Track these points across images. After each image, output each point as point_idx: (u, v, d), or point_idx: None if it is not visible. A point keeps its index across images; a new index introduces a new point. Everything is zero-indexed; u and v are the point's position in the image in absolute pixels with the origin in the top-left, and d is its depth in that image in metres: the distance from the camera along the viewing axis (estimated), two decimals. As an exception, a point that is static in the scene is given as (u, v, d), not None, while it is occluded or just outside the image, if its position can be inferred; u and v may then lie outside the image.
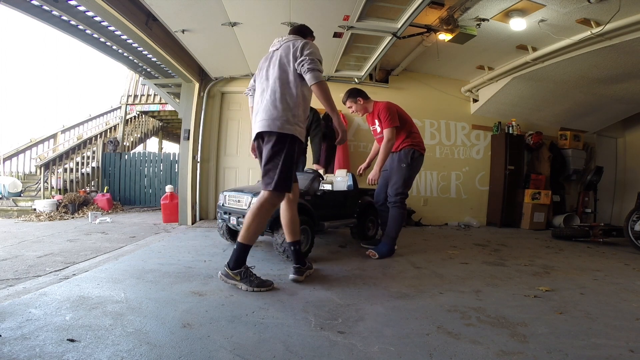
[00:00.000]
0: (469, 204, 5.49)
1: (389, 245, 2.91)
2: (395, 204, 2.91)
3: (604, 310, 1.81)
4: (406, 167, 2.93)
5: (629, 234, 3.58)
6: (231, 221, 2.79)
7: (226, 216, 2.86)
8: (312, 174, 3.03)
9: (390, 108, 2.97)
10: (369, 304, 1.80)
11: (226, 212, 2.86)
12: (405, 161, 2.93)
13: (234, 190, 2.91)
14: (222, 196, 3.01)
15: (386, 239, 2.94)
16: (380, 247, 2.90)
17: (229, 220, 2.83)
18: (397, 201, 2.91)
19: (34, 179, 6.81)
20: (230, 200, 2.87)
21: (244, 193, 2.74)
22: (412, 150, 2.94)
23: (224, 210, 2.90)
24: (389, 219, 2.96)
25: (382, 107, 2.98)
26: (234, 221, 2.76)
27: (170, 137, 13.03)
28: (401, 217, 2.94)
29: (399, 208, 2.92)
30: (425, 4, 2.89)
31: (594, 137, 6.33)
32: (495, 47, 4.17)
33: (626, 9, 3.00)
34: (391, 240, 2.93)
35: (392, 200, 2.93)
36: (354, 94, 3.08)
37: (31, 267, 2.38)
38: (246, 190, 2.80)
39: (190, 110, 4.78)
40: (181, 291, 1.88)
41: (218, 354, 1.24)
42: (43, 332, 1.32)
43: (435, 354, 1.29)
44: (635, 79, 4.38)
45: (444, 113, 5.46)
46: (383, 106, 2.98)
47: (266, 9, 3.08)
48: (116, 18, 3.01)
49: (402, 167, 2.93)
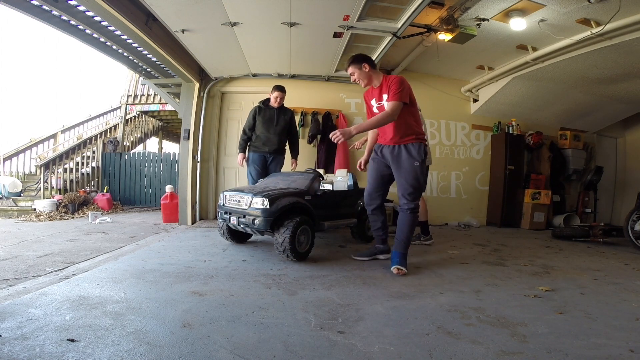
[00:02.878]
0: (469, 204, 5.48)
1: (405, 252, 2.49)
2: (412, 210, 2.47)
3: (604, 310, 1.81)
4: (420, 167, 2.45)
5: (629, 234, 3.58)
6: (231, 221, 2.79)
7: (227, 216, 2.85)
8: (312, 174, 3.02)
9: (405, 82, 2.44)
10: (369, 304, 1.80)
11: (227, 212, 2.86)
12: (418, 158, 2.45)
13: (234, 190, 2.91)
14: (222, 196, 3.01)
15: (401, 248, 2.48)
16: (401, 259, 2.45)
17: (229, 220, 2.83)
18: (412, 207, 2.46)
19: (34, 179, 6.81)
20: (230, 200, 2.87)
21: (244, 193, 2.74)
22: (421, 144, 2.49)
23: (224, 210, 2.90)
24: (403, 224, 2.50)
25: (396, 79, 2.44)
26: (234, 221, 2.76)
27: (170, 137, 13.02)
28: (415, 222, 2.55)
29: (414, 213, 2.49)
30: (425, 4, 2.88)
31: (594, 137, 6.32)
32: (495, 47, 4.17)
33: (626, 9, 3.00)
34: (405, 247, 2.49)
35: (407, 207, 2.47)
36: (360, 59, 2.56)
37: (31, 267, 2.38)
38: (246, 190, 2.80)
39: (190, 110, 4.78)
40: (181, 291, 1.89)
41: (218, 354, 1.24)
42: (43, 332, 1.32)
43: (435, 354, 1.29)
44: (635, 79, 4.38)
45: (444, 113, 5.45)
46: (397, 78, 2.45)
47: (266, 9, 3.08)
48: (116, 18, 3.01)
49: (416, 165, 2.44)
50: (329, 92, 5.00)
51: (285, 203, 2.61)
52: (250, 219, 2.61)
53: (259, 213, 2.56)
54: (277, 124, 3.88)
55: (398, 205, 2.60)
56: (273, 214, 2.54)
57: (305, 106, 4.97)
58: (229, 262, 2.55)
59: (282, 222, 2.57)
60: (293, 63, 4.48)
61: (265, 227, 2.55)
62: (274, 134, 3.86)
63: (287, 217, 2.60)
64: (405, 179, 2.47)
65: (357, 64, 2.55)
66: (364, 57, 2.59)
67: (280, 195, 2.64)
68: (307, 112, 4.97)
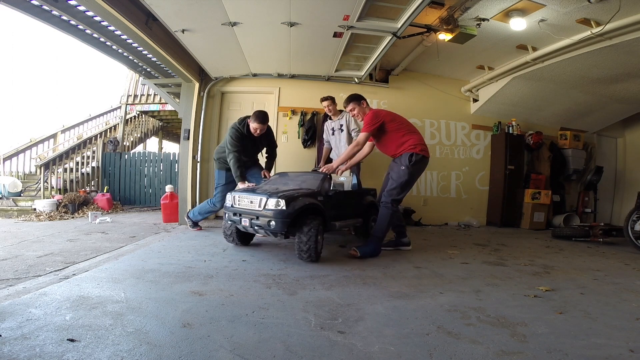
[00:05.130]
0: (469, 204, 5.49)
1: (374, 245, 2.89)
2: (386, 205, 2.93)
3: (604, 310, 1.81)
4: (406, 170, 2.91)
5: (629, 233, 3.57)
6: (242, 222, 2.68)
7: (236, 217, 2.74)
8: (322, 174, 2.99)
9: (375, 114, 3.00)
10: (369, 304, 1.80)
11: (236, 214, 2.75)
12: (405, 164, 2.91)
13: (244, 191, 2.80)
14: (230, 197, 2.88)
15: (372, 239, 2.93)
16: (365, 247, 2.87)
17: (239, 221, 2.71)
18: (388, 202, 2.93)
19: (34, 179, 6.81)
20: (241, 201, 2.75)
21: (257, 194, 2.65)
22: (411, 153, 2.92)
23: (233, 212, 2.78)
24: (378, 218, 2.99)
25: (369, 111, 3.08)
26: (246, 223, 2.65)
27: (170, 137, 13.02)
28: (390, 218, 2.93)
29: (389, 209, 2.93)
30: (425, 3, 2.88)
31: (594, 137, 6.33)
32: (495, 47, 4.17)
33: (626, 9, 3.00)
34: (377, 240, 2.92)
35: (384, 201, 2.96)
36: (359, 97, 3.17)
37: (31, 267, 2.38)
38: (259, 191, 2.73)
39: (190, 110, 4.78)
40: (181, 291, 1.88)
41: (218, 354, 1.24)
42: (43, 332, 1.32)
43: (435, 354, 1.29)
44: (635, 79, 4.38)
45: (444, 113, 5.45)
46: (370, 111, 3.10)
47: (266, 9, 3.08)
48: (116, 18, 3.01)
49: (402, 169, 2.92)
50: (329, 92, 4.97)
51: (301, 204, 2.53)
52: (265, 220, 2.52)
53: (274, 214, 2.47)
54: (254, 151, 3.73)
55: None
56: (290, 216, 2.47)
57: (305, 106, 4.97)
58: (229, 262, 2.55)
59: (300, 223, 2.52)
60: (293, 63, 4.48)
61: (282, 229, 2.48)
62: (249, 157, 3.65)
63: (302, 218, 2.54)
64: (391, 177, 3.03)
65: (357, 101, 3.14)
66: (360, 96, 3.20)
67: (296, 197, 2.56)
68: (307, 112, 4.98)
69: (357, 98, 3.16)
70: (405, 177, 2.91)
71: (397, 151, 3.00)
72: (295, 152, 4.94)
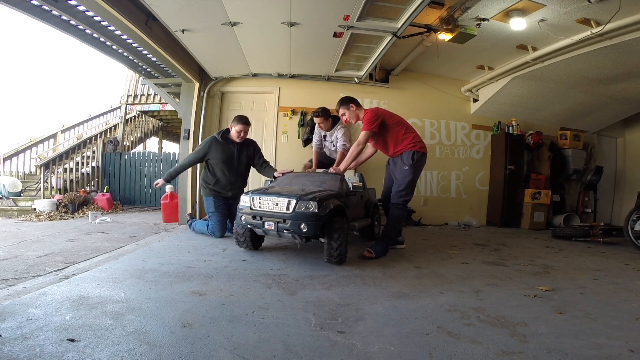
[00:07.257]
0: (469, 204, 5.48)
1: (385, 244, 2.92)
2: (399, 206, 2.96)
3: (604, 310, 1.81)
4: (410, 169, 2.93)
5: (629, 233, 3.57)
6: (266, 226, 2.51)
7: (256, 221, 2.55)
8: (339, 175, 2.96)
9: (374, 112, 2.99)
10: (369, 304, 1.80)
11: (256, 217, 2.56)
12: (408, 163, 2.94)
13: (266, 194, 2.61)
14: (247, 199, 2.65)
15: (383, 238, 2.96)
16: (378, 246, 2.88)
17: (262, 225, 2.52)
18: (400, 203, 2.95)
19: (34, 179, 6.81)
20: (263, 203, 2.56)
21: (282, 196, 2.50)
22: (413, 151, 2.95)
23: (253, 215, 2.58)
24: (389, 219, 3.01)
25: (367, 111, 3.05)
26: (270, 226, 2.48)
27: (170, 136, 13.02)
28: (401, 218, 3.00)
29: (401, 210, 2.96)
30: (425, 3, 2.88)
31: (594, 137, 6.32)
32: (495, 47, 4.17)
33: (626, 9, 3.00)
34: (388, 239, 2.96)
35: (395, 202, 2.97)
36: (347, 101, 3.11)
37: (31, 267, 2.38)
38: (284, 192, 2.59)
39: (190, 110, 4.78)
40: (181, 291, 1.88)
41: (218, 354, 1.24)
42: (43, 332, 1.32)
43: (435, 354, 1.29)
44: (635, 79, 4.38)
45: (444, 113, 5.45)
46: (368, 110, 3.07)
47: (266, 8, 3.08)
48: (116, 18, 3.01)
49: (405, 169, 2.94)
50: (329, 92, 5.00)
51: (331, 206, 2.45)
52: (296, 223, 2.38)
53: (306, 217, 2.37)
54: (238, 164, 3.46)
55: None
56: (322, 218, 2.37)
57: (305, 106, 4.97)
58: (229, 262, 2.55)
59: (328, 226, 2.43)
60: (293, 63, 4.48)
61: (315, 232, 2.38)
62: (235, 176, 3.47)
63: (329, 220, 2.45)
64: (396, 178, 3.02)
65: (345, 105, 3.09)
66: (349, 99, 3.13)
67: (326, 198, 2.48)
68: (307, 112, 4.98)
69: (346, 102, 3.10)
70: (411, 175, 2.94)
71: (397, 149, 3.02)
72: (295, 152, 4.94)
